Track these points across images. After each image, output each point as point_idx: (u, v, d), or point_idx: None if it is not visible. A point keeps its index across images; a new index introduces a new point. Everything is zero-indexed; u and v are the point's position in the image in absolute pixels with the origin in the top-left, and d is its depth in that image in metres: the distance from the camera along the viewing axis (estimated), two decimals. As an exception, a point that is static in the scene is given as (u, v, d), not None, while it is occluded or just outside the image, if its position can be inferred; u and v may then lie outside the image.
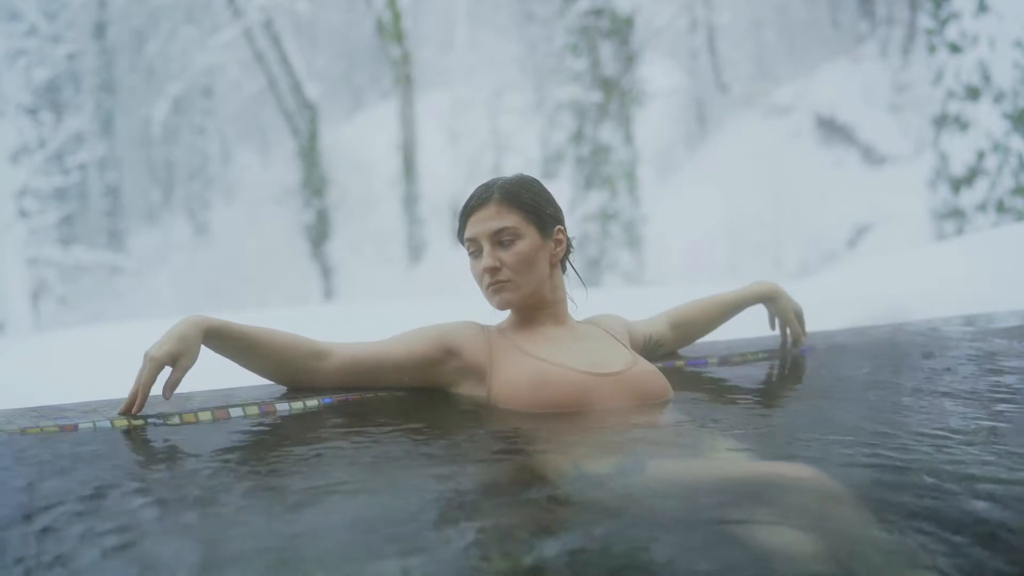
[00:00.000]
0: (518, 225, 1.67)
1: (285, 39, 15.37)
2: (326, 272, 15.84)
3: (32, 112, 13.96)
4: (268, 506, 1.15)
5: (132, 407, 1.51)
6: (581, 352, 1.68)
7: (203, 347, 1.58)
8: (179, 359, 1.51)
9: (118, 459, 1.37)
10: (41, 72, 14.25)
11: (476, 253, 1.72)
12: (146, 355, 1.51)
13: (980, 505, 1.11)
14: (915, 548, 0.99)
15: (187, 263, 18.25)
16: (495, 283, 1.69)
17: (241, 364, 1.65)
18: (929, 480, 1.21)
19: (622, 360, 1.70)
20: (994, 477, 1.22)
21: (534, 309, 1.74)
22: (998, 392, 1.77)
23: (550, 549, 1.00)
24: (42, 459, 1.32)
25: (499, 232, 1.66)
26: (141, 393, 1.51)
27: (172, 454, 1.41)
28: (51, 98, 16.13)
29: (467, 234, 1.71)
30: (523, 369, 1.64)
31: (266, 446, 1.47)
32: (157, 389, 1.53)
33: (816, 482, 1.20)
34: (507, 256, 1.67)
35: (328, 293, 15.61)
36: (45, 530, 1.04)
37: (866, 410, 1.69)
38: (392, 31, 15.89)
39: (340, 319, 5.61)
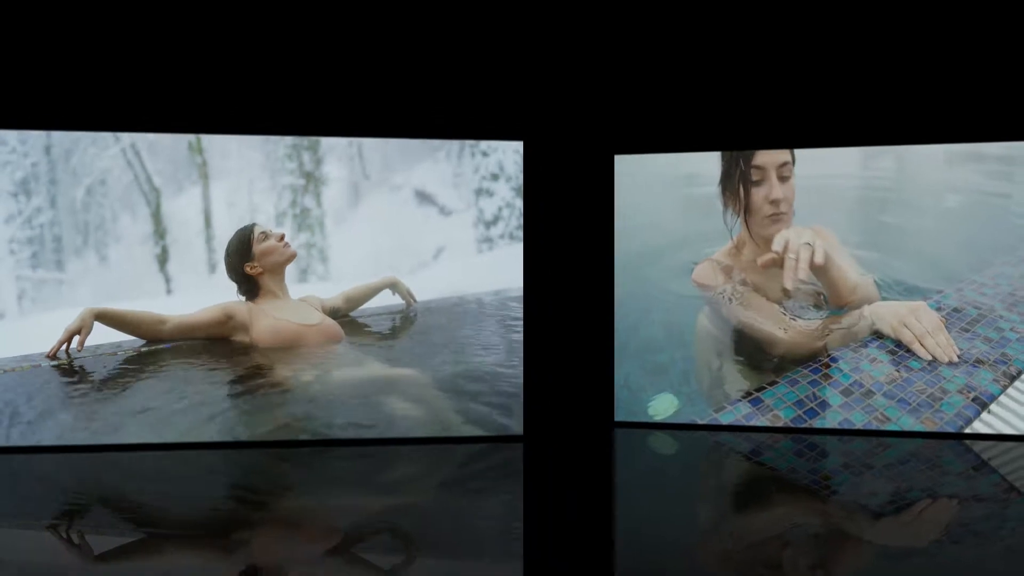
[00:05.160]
0: None
1: (142, 152, 28.92)
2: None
3: (14, 195, 26.62)
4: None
5: (55, 353, 2.69)
6: (296, 313, 2.66)
7: (98, 324, 2.73)
8: (81, 330, 2.68)
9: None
10: (17, 173, 27.10)
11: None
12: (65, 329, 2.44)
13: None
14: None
15: (100, 277, 30.38)
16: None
17: (124, 332, 2.74)
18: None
19: (318, 317, 2.70)
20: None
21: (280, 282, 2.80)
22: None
23: (275, 425, 1.82)
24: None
25: None
26: (54, 347, 2.69)
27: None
28: (24, 187, 29.27)
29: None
30: (268, 323, 2.58)
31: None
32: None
33: (418, 377, 1.90)
34: None
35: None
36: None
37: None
38: (195, 147, 29.51)
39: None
